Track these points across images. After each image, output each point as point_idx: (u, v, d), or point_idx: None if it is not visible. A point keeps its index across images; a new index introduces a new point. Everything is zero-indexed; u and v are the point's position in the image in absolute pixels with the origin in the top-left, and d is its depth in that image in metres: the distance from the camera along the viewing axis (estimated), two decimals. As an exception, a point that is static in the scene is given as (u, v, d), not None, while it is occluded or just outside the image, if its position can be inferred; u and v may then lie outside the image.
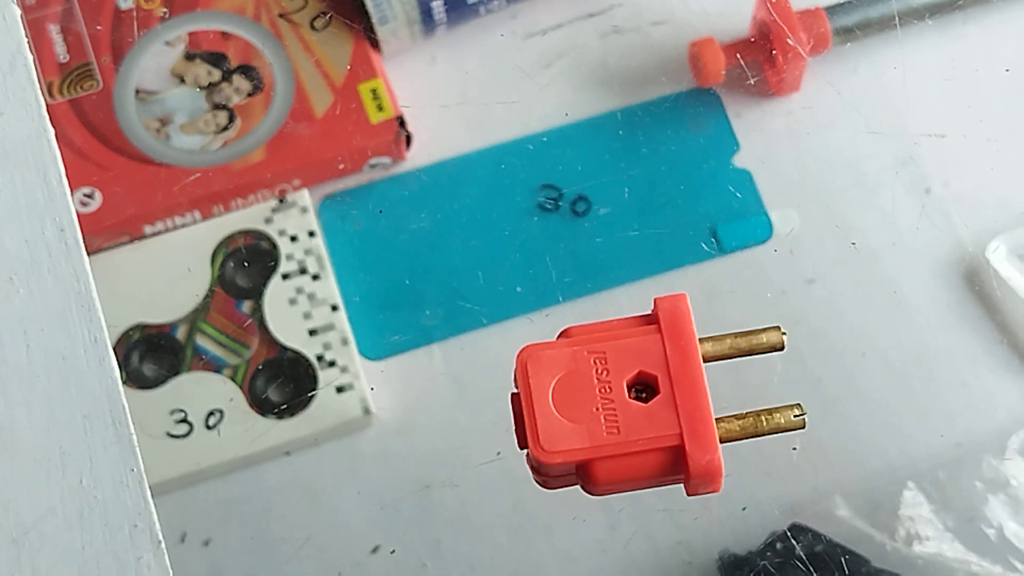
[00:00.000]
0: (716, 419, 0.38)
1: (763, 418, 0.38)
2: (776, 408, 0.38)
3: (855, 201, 0.66)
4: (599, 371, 0.38)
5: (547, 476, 0.39)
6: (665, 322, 0.38)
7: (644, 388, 0.38)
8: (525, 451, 0.38)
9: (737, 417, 0.39)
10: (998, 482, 0.60)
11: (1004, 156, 0.66)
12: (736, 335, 0.39)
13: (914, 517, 0.59)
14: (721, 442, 0.38)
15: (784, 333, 0.37)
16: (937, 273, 0.65)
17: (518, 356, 0.38)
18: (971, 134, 0.66)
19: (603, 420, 0.37)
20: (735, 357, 0.39)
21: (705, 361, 0.39)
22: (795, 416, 0.38)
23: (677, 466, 0.38)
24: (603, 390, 0.37)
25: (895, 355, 0.64)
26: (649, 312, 0.40)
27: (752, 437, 0.38)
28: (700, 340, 0.39)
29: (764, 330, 0.39)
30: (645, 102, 0.68)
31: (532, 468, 0.39)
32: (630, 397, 0.37)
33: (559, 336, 0.39)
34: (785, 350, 0.37)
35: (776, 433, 0.38)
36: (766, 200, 0.66)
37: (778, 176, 0.67)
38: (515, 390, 0.38)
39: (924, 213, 0.66)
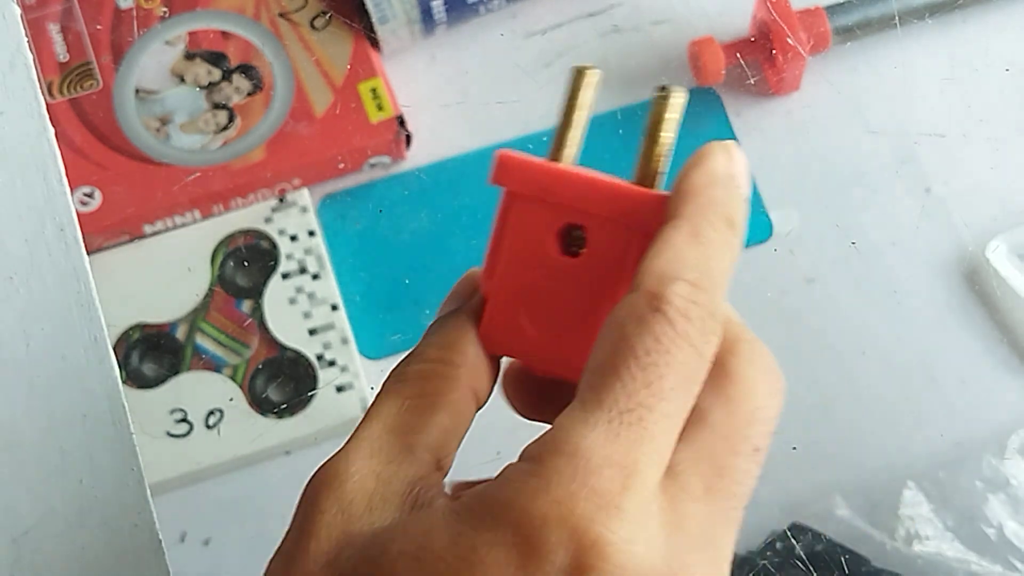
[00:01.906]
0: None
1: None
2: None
3: (855, 200, 0.66)
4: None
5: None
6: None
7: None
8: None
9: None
10: (998, 481, 0.60)
11: (1004, 155, 0.66)
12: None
13: (914, 516, 0.59)
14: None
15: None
16: (937, 272, 0.65)
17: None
18: (971, 133, 0.66)
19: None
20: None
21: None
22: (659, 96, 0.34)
23: None
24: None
25: (895, 355, 0.64)
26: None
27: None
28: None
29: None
30: (645, 101, 0.68)
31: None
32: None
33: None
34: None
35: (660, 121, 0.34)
36: (766, 199, 0.66)
37: (778, 175, 0.67)
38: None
39: (924, 212, 0.66)
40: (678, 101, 0.34)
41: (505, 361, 0.36)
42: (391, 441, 0.32)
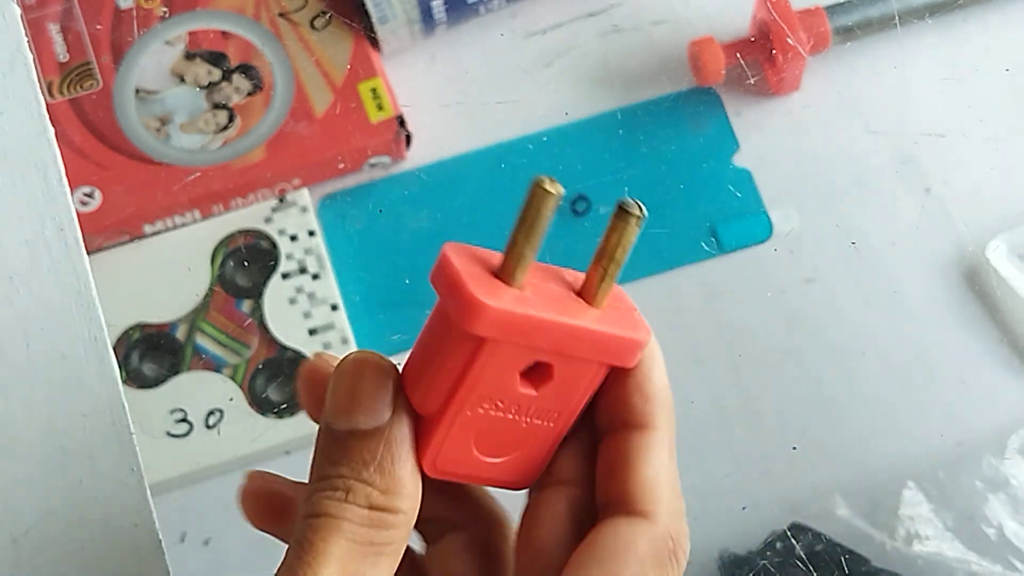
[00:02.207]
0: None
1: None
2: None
3: (855, 200, 0.66)
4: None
5: None
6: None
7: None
8: None
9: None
10: (998, 481, 0.60)
11: (1004, 155, 0.66)
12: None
13: (914, 516, 0.59)
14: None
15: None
16: (937, 272, 0.65)
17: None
18: (971, 133, 0.66)
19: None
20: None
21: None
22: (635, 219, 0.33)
23: None
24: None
25: (895, 354, 0.64)
26: None
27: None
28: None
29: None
30: (645, 101, 0.68)
31: None
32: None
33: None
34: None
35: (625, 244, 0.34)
36: (766, 199, 0.66)
37: (778, 175, 0.67)
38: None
39: (924, 212, 0.66)
40: (640, 222, 0.33)
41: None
42: None
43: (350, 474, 0.31)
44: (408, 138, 0.67)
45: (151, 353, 0.64)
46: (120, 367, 0.41)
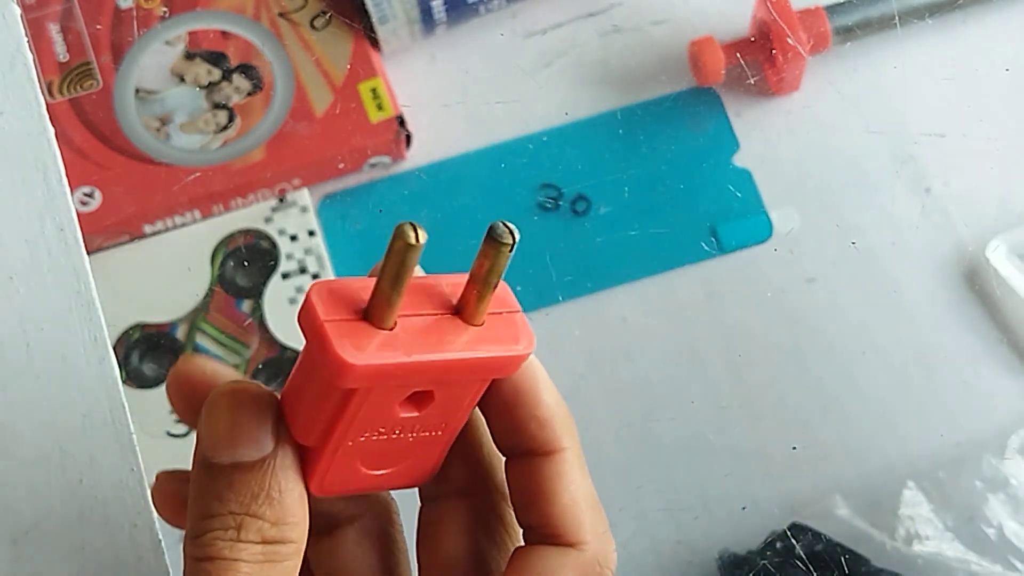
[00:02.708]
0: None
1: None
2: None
3: (855, 200, 0.66)
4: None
5: None
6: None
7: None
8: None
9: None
10: (998, 481, 0.60)
11: (1004, 155, 0.66)
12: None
13: (914, 516, 0.59)
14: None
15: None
16: (937, 272, 0.65)
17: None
18: (971, 133, 0.66)
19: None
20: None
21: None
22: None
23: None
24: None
25: (895, 354, 0.64)
26: None
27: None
28: None
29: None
30: (645, 101, 0.68)
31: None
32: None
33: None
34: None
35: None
36: (766, 199, 0.66)
37: (778, 175, 0.67)
38: None
39: (924, 212, 0.66)
40: (512, 249, 0.32)
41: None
42: None
43: (239, 509, 0.31)
44: (408, 138, 0.67)
45: (151, 353, 0.64)
46: (120, 367, 0.41)
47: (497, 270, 0.32)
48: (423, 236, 0.31)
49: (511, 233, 0.31)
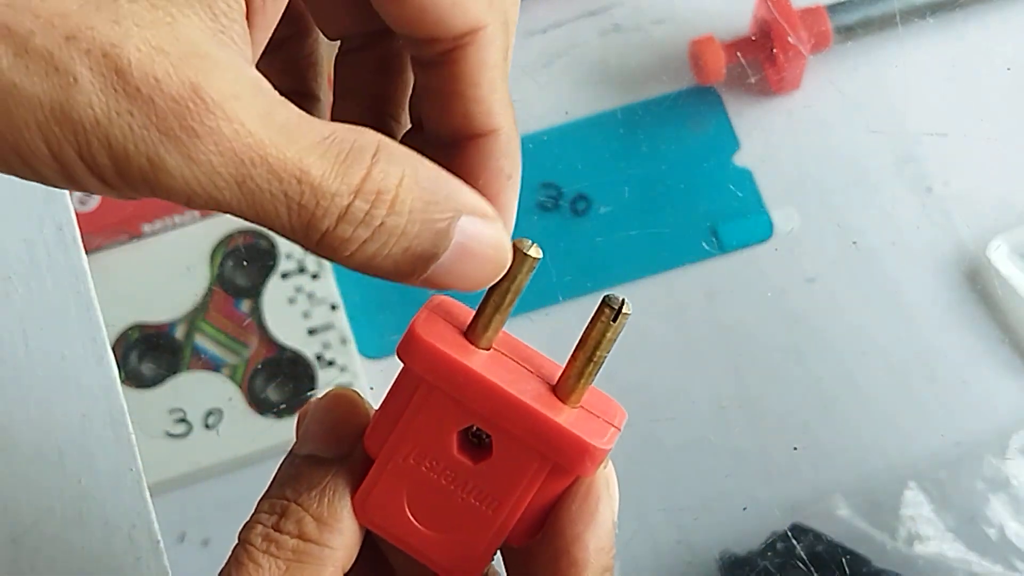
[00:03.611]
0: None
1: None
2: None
3: (856, 200, 0.66)
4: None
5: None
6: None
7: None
8: None
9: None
10: (999, 481, 0.60)
11: (1005, 155, 0.66)
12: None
13: (915, 517, 0.59)
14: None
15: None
16: (938, 272, 0.65)
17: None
18: (972, 133, 0.66)
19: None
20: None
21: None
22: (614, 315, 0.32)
23: None
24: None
25: (895, 354, 0.64)
26: None
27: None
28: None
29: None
30: (645, 100, 0.68)
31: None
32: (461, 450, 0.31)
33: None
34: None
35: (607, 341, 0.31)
36: (767, 199, 0.66)
37: (779, 175, 0.67)
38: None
39: (925, 212, 0.66)
40: (626, 320, 0.31)
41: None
42: None
43: (292, 496, 0.32)
44: (408, 137, 0.67)
45: (150, 353, 0.64)
46: (119, 367, 0.41)
47: (600, 339, 0.31)
48: (537, 252, 0.31)
49: (623, 303, 0.31)
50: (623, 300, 0.31)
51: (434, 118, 0.31)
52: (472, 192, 0.28)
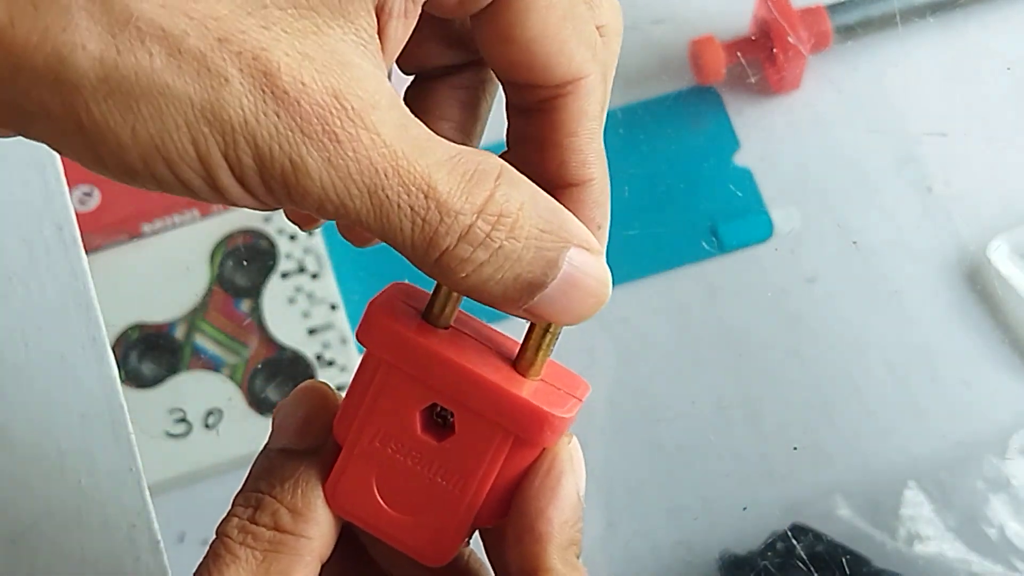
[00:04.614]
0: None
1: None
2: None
3: (856, 200, 0.66)
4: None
5: None
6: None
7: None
8: None
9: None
10: (999, 482, 0.60)
11: (1006, 155, 0.66)
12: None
13: (915, 517, 0.59)
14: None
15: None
16: (938, 272, 0.65)
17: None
18: (973, 133, 0.66)
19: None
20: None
21: None
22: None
23: None
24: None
25: (896, 355, 0.64)
26: None
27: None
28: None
29: None
30: (645, 100, 0.68)
31: None
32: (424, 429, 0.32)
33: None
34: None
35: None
36: (767, 199, 0.66)
37: (779, 175, 0.67)
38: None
39: (925, 212, 0.66)
40: None
41: None
42: None
43: (266, 488, 0.33)
44: (408, 137, 0.67)
45: (150, 353, 0.64)
46: (119, 367, 0.41)
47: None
48: None
49: None
50: None
51: (529, 165, 0.31)
52: (581, 226, 0.29)
